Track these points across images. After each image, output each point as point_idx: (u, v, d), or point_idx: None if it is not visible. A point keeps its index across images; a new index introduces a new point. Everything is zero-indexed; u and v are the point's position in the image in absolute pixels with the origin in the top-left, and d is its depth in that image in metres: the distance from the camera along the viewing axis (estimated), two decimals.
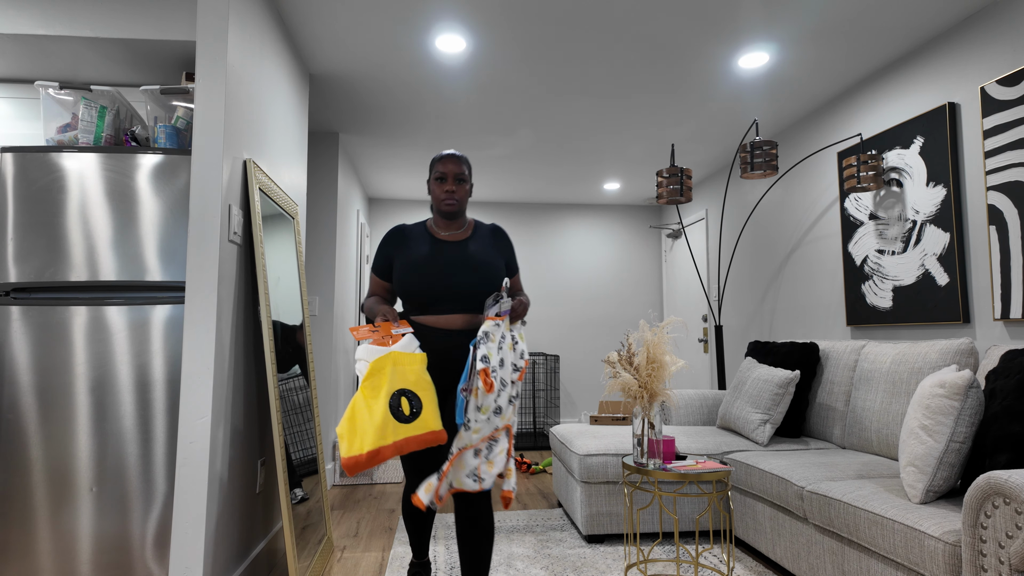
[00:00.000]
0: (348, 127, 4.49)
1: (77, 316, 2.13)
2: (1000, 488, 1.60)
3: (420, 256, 2.10)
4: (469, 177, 2.18)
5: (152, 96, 2.39)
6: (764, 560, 2.89)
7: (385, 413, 1.79)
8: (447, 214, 2.14)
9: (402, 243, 2.16)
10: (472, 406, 1.87)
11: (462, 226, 2.21)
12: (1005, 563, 1.58)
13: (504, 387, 1.94)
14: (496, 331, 1.95)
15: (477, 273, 2.09)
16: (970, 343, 2.57)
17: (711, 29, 3.06)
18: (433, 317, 2.10)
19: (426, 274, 2.07)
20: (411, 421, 1.82)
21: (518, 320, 2.07)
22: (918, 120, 3.18)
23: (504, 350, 1.96)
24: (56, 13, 2.34)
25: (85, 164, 2.18)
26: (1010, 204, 2.68)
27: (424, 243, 2.14)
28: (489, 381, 1.85)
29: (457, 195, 2.13)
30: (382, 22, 2.98)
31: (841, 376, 3.17)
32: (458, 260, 2.09)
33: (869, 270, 3.55)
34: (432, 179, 2.15)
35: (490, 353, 1.90)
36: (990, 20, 2.82)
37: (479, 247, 2.16)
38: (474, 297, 2.09)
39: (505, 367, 1.95)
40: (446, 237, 2.17)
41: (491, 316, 1.98)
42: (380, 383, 1.84)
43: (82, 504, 2.08)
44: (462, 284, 2.07)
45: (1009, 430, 1.92)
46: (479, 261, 2.11)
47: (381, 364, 1.86)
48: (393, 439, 1.77)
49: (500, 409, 1.92)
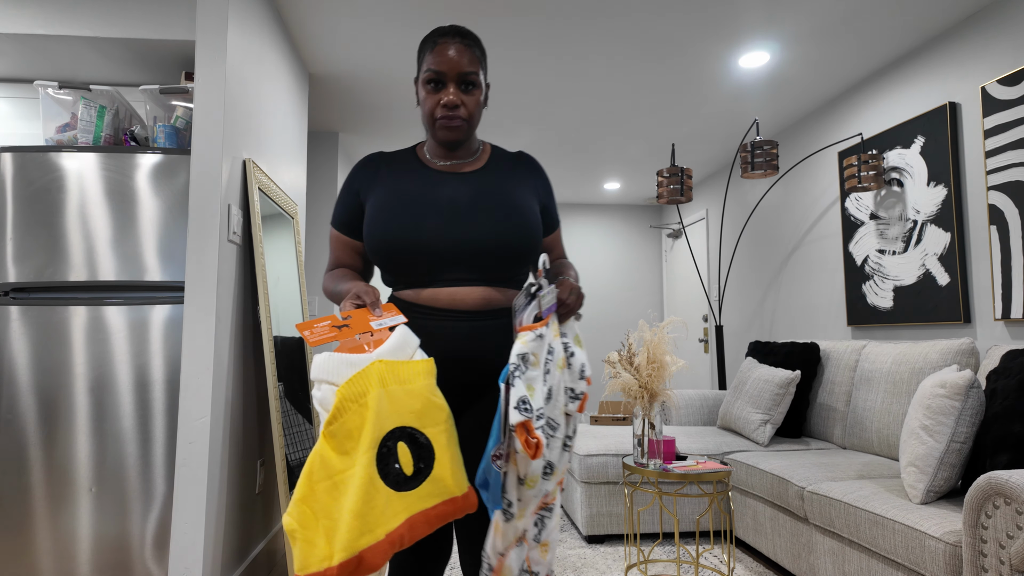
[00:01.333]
0: (348, 127, 4.49)
1: (76, 316, 2.13)
2: (1001, 488, 1.59)
3: (406, 194, 1.32)
4: (483, 74, 1.36)
5: (151, 96, 2.39)
6: (765, 560, 2.88)
7: (369, 480, 0.98)
8: (448, 143, 1.34)
9: (377, 176, 1.39)
10: (512, 481, 1.17)
11: (473, 152, 1.42)
12: (1006, 563, 1.57)
13: (554, 432, 1.23)
14: (539, 346, 1.18)
15: (500, 218, 1.31)
16: (971, 343, 2.57)
17: (712, 28, 3.05)
18: (430, 292, 1.30)
19: (417, 221, 1.29)
20: (417, 485, 1.06)
21: (570, 316, 1.30)
22: (919, 120, 3.18)
23: (553, 373, 1.22)
24: (55, 12, 2.33)
25: (84, 164, 2.17)
26: (1011, 204, 2.67)
27: (412, 175, 1.37)
28: (534, 439, 1.10)
29: (464, 111, 1.31)
30: (382, 22, 2.98)
31: (842, 376, 3.16)
32: (468, 199, 1.32)
33: (870, 270, 3.54)
34: (420, 80, 1.33)
35: (532, 389, 1.15)
36: (991, 19, 2.82)
37: (501, 181, 1.38)
38: (496, 257, 1.30)
39: (556, 400, 1.23)
40: (446, 167, 1.39)
41: (527, 325, 1.20)
42: (357, 425, 1.01)
43: (81, 504, 2.08)
44: (478, 235, 1.29)
45: (1010, 430, 1.91)
46: (502, 201, 1.33)
47: (358, 389, 1.03)
48: (386, 527, 0.98)
49: (551, 467, 1.23)
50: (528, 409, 1.12)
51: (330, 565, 0.92)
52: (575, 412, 1.29)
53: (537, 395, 1.16)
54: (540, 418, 1.15)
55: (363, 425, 1.01)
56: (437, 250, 1.28)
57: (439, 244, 1.28)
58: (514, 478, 1.17)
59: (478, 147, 1.44)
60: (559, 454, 1.26)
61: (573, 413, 1.29)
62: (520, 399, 1.12)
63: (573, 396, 1.29)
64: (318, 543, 0.94)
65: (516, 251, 1.31)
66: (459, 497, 1.11)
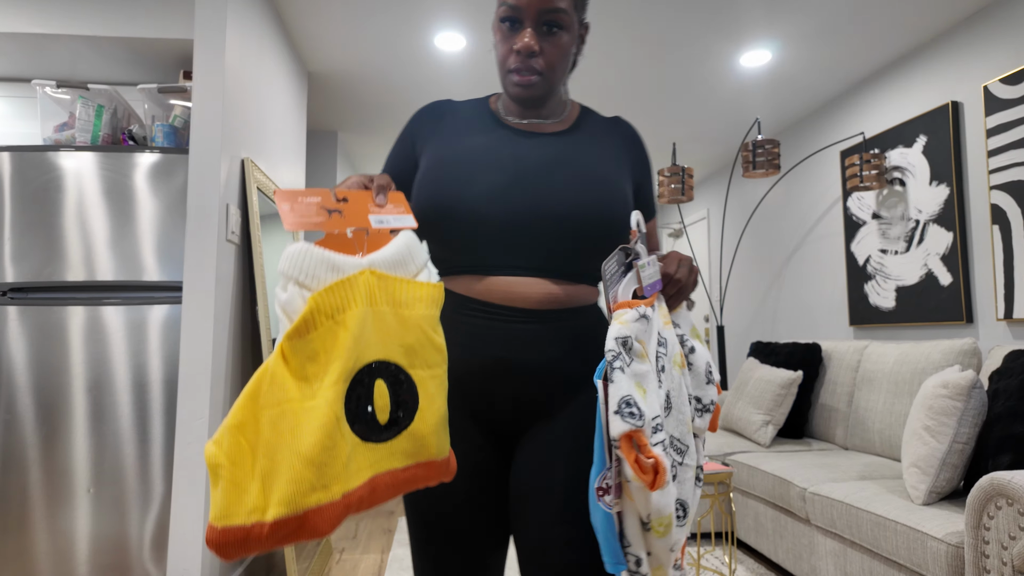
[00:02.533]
0: (347, 126, 4.48)
1: (74, 316, 2.12)
2: (1003, 489, 1.58)
3: (467, 150, 1.05)
4: (577, 13, 1.06)
5: (150, 95, 2.38)
6: (766, 562, 2.87)
7: (335, 421, 0.73)
8: (520, 100, 1.06)
9: (439, 126, 1.12)
10: (633, 526, 0.85)
11: (557, 111, 1.13)
12: (1008, 564, 1.56)
13: (682, 455, 0.91)
14: (645, 331, 0.88)
15: (578, 189, 1.01)
16: (973, 343, 2.55)
17: (713, 27, 3.04)
18: (484, 285, 1.02)
19: (472, 183, 1.01)
20: (391, 437, 0.80)
21: (682, 299, 1.00)
22: (921, 119, 3.17)
23: (670, 373, 0.91)
24: (54, 11, 2.33)
25: (82, 163, 2.17)
26: (1013, 203, 2.66)
27: (479, 130, 1.09)
28: (649, 459, 0.79)
29: (542, 60, 1.03)
30: (381, 20, 2.97)
31: (844, 377, 3.15)
32: (540, 163, 1.03)
33: (872, 270, 3.53)
34: (495, 18, 1.06)
35: (643, 390, 0.83)
36: (993, 19, 2.81)
37: (586, 147, 1.08)
38: (567, 238, 1.00)
39: (679, 411, 0.91)
40: (521, 125, 1.10)
41: (622, 301, 0.89)
42: (326, 347, 0.75)
43: (79, 505, 2.07)
44: (546, 207, 1.00)
45: (1012, 431, 1.90)
46: (583, 170, 1.04)
47: (337, 301, 0.77)
48: (345, 485, 0.73)
49: (683, 508, 0.90)
50: (636, 414, 0.79)
51: (261, 519, 0.67)
52: (704, 430, 0.98)
53: (651, 399, 0.83)
54: (658, 431, 0.82)
55: (335, 348, 0.75)
56: (493, 221, 0.99)
57: (496, 214, 0.99)
58: (635, 522, 0.84)
59: (565, 105, 1.14)
60: (691, 489, 0.91)
61: (702, 433, 0.98)
62: (623, 399, 0.80)
63: (700, 407, 0.97)
64: (249, 488, 0.68)
65: (593, 232, 1.00)
66: (438, 461, 0.86)
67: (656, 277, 0.95)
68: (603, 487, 0.83)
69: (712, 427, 0.99)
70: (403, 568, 2.79)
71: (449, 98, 1.44)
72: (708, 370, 0.98)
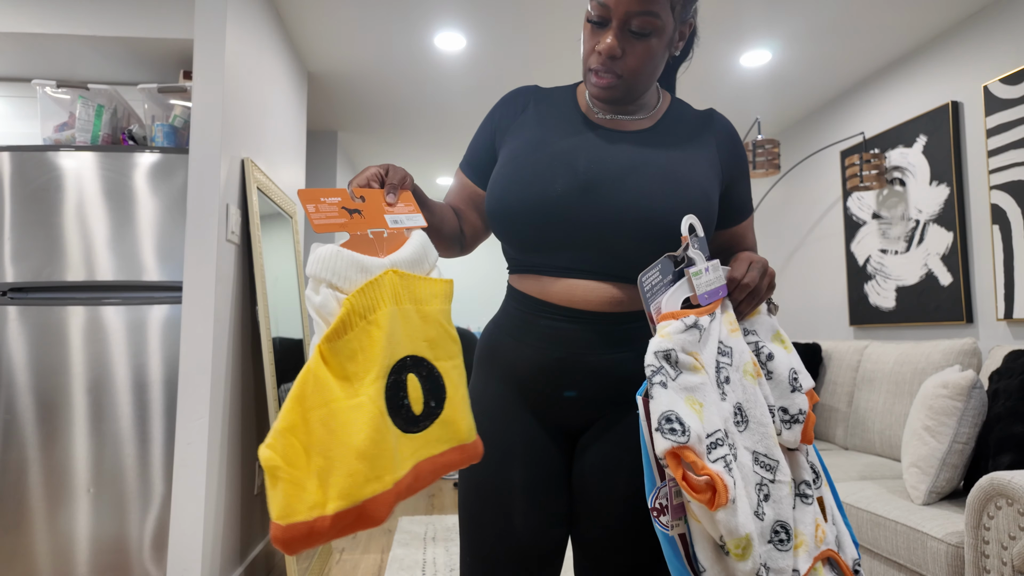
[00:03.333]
0: (347, 126, 4.48)
1: (74, 316, 2.12)
2: (1003, 489, 1.58)
3: (546, 145, 1.03)
4: (674, 14, 0.99)
5: (150, 95, 2.38)
6: None
7: (380, 416, 0.78)
8: (600, 99, 1.02)
9: (522, 116, 1.11)
10: (705, 548, 0.80)
11: (647, 107, 1.09)
12: (1008, 564, 1.56)
13: (772, 471, 0.85)
14: (693, 341, 0.84)
15: (651, 190, 0.98)
16: (973, 343, 2.55)
17: (713, 27, 3.04)
18: (548, 283, 1.02)
19: (543, 182, 0.99)
20: (427, 426, 0.86)
21: (755, 304, 0.95)
22: (921, 119, 3.17)
23: (738, 384, 0.87)
24: (54, 11, 2.32)
25: (82, 163, 2.17)
26: (1013, 203, 2.66)
27: (562, 123, 1.07)
28: (702, 476, 0.76)
29: (624, 65, 0.98)
30: (381, 20, 2.97)
31: (844, 377, 3.15)
32: (618, 163, 1.00)
33: (872, 270, 3.53)
34: (586, 16, 1.01)
35: (698, 404, 0.81)
36: (993, 19, 2.81)
37: (670, 145, 1.04)
38: (639, 246, 0.97)
39: (757, 425, 0.86)
40: (605, 121, 1.07)
41: (667, 312, 0.87)
42: (363, 346, 0.80)
43: (79, 505, 2.07)
44: (615, 209, 0.97)
45: (1012, 431, 1.90)
46: (661, 170, 1.00)
47: (368, 302, 0.81)
48: (395, 474, 0.79)
49: (786, 530, 0.84)
50: (678, 430, 0.75)
51: (322, 513, 0.72)
52: (796, 443, 0.90)
53: (709, 413, 0.79)
54: (719, 446, 0.78)
55: (371, 347, 0.80)
56: (557, 225, 0.97)
57: (560, 219, 0.97)
58: (707, 544, 0.78)
59: (654, 100, 1.09)
60: (789, 507, 0.84)
61: (797, 445, 0.90)
62: (664, 415, 0.76)
63: (788, 419, 0.89)
64: (307, 486, 0.73)
65: (659, 237, 0.95)
66: (468, 444, 0.91)
67: (718, 283, 0.91)
68: (656, 507, 0.80)
69: (806, 439, 0.91)
70: (403, 568, 2.79)
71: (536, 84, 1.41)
72: (793, 377, 0.91)
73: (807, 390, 0.93)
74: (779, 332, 0.97)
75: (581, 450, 1.03)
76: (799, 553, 0.85)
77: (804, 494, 0.89)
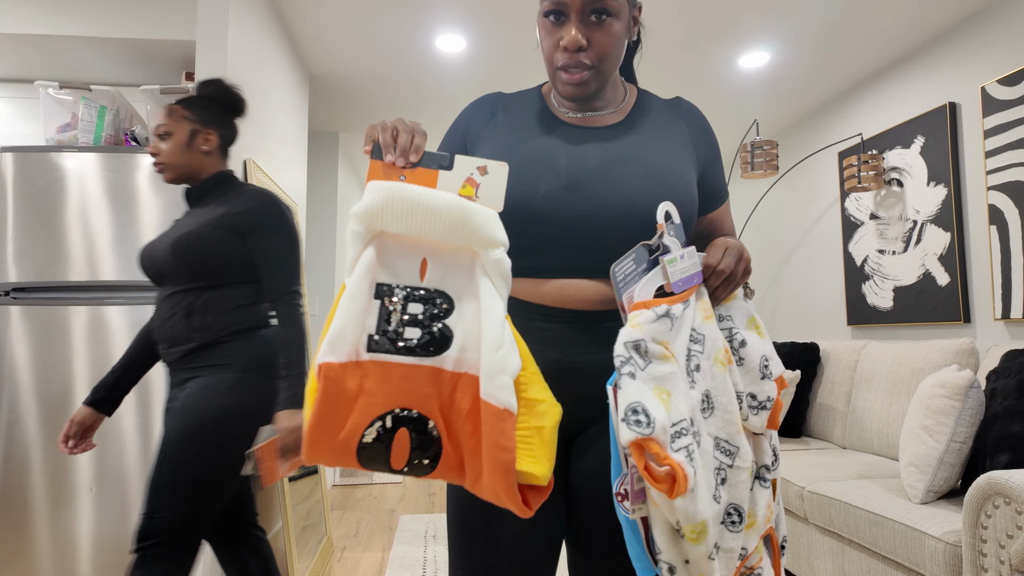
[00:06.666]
0: (348, 126, 4.49)
1: (77, 316, 2.13)
2: (1001, 488, 1.59)
3: (521, 152, 1.02)
4: (629, 3, 0.99)
5: (152, 96, 2.39)
6: None
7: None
8: (573, 99, 1.02)
9: (492, 122, 1.09)
10: (663, 533, 0.82)
11: (615, 101, 1.08)
12: (1005, 563, 1.58)
13: (731, 457, 0.87)
14: (664, 330, 0.84)
15: (635, 186, 0.97)
16: (971, 343, 2.57)
17: (711, 28, 3.05)
18: (539, 284, 1.01)
19: (526, 187, 0.98)
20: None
21: (730, 291, 0.94)
22: (919, 120, 3.18)
23: (708, 371, 0.88)
24: (56, 12, 2.33)
25: (85, 164, 2.18)
26: (1010, 204, 2.68)
27: (533, 127, 1.05)
28: (663, 467, 0.77)
29: (591, 54, 0.97)
30: (382, 22, 2.98)
31: (842, 376, 3.17)
32: (597, 161, 1.00)
33: (870, 270, 3.55)
34: (540, 12, 1.01)
35: (666, 393, 0.81)
36: (991, 20, 2.82)
37: (644, 138, 1.04)
38: (628, 242, 0.97)
39: (722, 411, 0.87)
40: (576, 120, 1.06)
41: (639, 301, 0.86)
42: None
43: (82, 504, 2.08)
44: (601, 207, 0.97)
45: (1010, 430, 1.92)
46: (640, 164, 0.99)
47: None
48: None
49: (738, 512, 0.87)
50: (643, 422, 0.76)
51: (543, 470, 0.78)
52: (762, 428, 0.92)
53: (677, 402, 0.80)
54: (682, 435, 0.79)
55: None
56: (544, 227, 0.97)
57: (547, 220, 0.96)
58: (665, 528, 0.81)
59: (622, 93, 1.08)
60: (745, 491, 0.87)
61: (763, 431, 0.92)
62: (630, 407, 0.77)
63: (756, 405, 0.91)
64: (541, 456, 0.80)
65: (646, 231, 0.96)
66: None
67: (693, 270, 0.89)
68: (621, 492, 0.82)
69: (772, 424, 0.92)
70: (404, 566, 2.81)
71: (499, 91, 1.36)
72: (764, 364, 0.92)
73: (776, 377, 0.94)
74: (754, 317, 0.98)
75: (577, 452, 1.03)
76: (750, 533, 0.89)
77: (763, 477, 0.92)
